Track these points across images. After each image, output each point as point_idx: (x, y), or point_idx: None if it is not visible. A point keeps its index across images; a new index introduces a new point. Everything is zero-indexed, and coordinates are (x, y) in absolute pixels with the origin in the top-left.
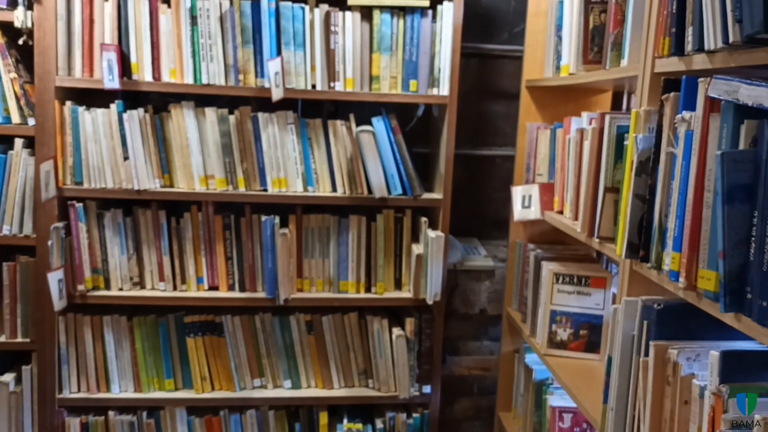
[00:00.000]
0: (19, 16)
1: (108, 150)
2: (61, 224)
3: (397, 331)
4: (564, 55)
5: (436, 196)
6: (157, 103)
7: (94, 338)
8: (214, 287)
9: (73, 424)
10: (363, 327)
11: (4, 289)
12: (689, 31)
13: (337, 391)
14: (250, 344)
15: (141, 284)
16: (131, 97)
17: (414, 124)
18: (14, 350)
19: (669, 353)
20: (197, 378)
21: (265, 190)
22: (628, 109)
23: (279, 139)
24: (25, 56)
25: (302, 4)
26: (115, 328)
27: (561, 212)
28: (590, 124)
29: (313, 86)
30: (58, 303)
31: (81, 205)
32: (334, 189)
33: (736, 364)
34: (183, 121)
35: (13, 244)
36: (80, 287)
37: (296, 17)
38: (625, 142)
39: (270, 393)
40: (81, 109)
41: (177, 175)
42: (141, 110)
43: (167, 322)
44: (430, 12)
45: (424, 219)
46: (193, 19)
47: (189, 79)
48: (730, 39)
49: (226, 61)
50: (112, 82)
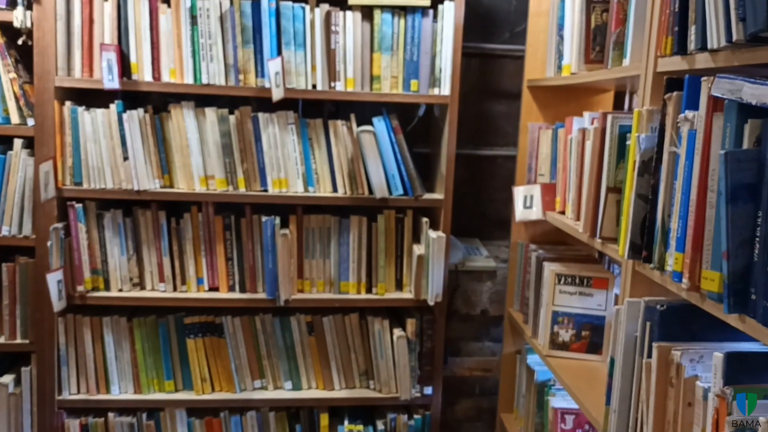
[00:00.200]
0: (19, 16)
1: (108, 150)
2: (60, 225)
3: (398, 332)
4: (566, 54)
5: (438, 196)
6: (157, 103)
7: (94, 339)
8: (214, 288)
9: (73, 425)
10: (364, 328)
11: (4, 290)
12: (692, 30)
13: (338, 393)
14: (251, 345)
15: (141, 285)
16: (131, 97)
17: (415, 124)
18: (13, 351)
19: (672, 354)
20: (197, 379)
21: (266, 191)
22: (630, 109)
23: (279, 140)
24: (24, 56)
25: (303, 4)
26: (114, 329)
27: (563, 212)
28: (592, 123)
29: (314, 86)
30: (58, 304)
31: (80, 205)
32: (335, 189)
33: (740, 366)
34: (183, 122)
35: (13, 245)
36: (80, 288)
37: (297, 17)
38: (628, 142)
39: (270, 394)
40: (80, 110)
41: (177, 176)
42: (141, 110)
43: (167, 323)
44: (431, 11)
45: (425, 219)
46: (193, 19)
47: (189, 79)
48: (734, 37)
49: (226, 61)
50: (111, 82)
